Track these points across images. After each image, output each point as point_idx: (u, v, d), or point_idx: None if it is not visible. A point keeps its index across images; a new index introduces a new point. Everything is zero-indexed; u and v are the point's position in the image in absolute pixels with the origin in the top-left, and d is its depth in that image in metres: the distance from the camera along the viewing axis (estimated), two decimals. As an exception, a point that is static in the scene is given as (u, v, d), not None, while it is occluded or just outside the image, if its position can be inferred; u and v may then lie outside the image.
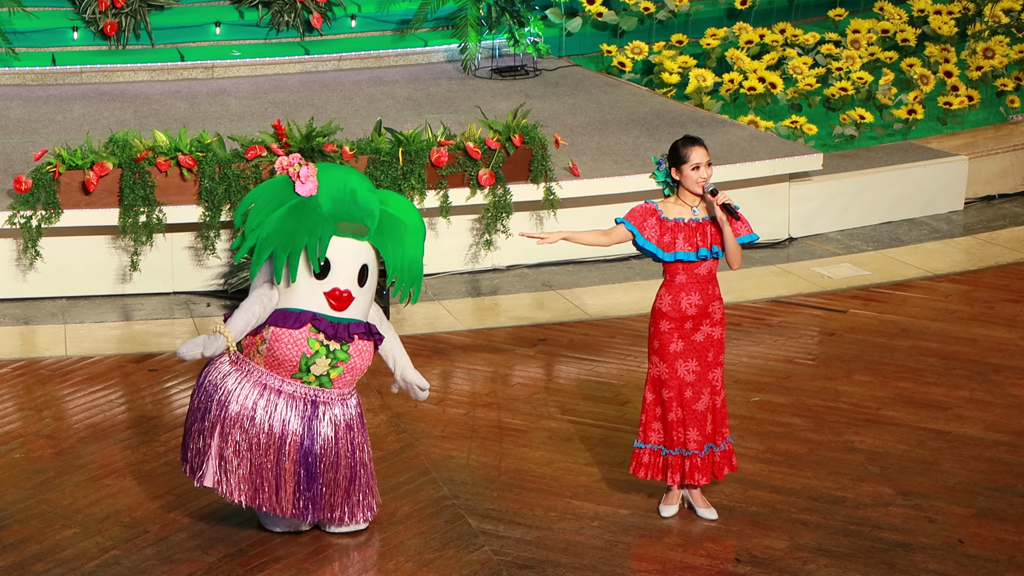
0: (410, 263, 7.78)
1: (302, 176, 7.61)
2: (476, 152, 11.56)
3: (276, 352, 7.67)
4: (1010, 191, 13.76)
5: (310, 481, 7.75)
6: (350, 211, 7.63)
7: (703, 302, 7.96)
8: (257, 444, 7.72)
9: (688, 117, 13.46)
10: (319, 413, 7.74)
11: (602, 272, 11.95)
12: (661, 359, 8.02)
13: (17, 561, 7.78)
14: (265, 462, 7.72)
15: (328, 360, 7.67)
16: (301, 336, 7.64)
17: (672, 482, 8.13)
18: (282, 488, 7.75)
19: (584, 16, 15.51)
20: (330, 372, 7.70)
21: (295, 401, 7.74)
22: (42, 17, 14.63)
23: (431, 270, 11.75)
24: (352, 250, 7.67)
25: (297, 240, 7.56)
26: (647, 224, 7.97)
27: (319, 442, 7.74)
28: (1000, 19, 15.51)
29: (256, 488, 7.75)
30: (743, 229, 7.95)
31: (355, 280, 7.67)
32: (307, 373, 7.69)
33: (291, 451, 7.71)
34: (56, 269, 11.28)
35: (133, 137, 11.29)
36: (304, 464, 7.73)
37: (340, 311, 7.66)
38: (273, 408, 7.72)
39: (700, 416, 8.04)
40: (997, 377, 9.97)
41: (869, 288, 11.55)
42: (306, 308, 7.65)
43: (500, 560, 7.80)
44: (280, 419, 7.71)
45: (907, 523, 8.16)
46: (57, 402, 9.69)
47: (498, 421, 9.41)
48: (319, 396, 7.75)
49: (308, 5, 15.04)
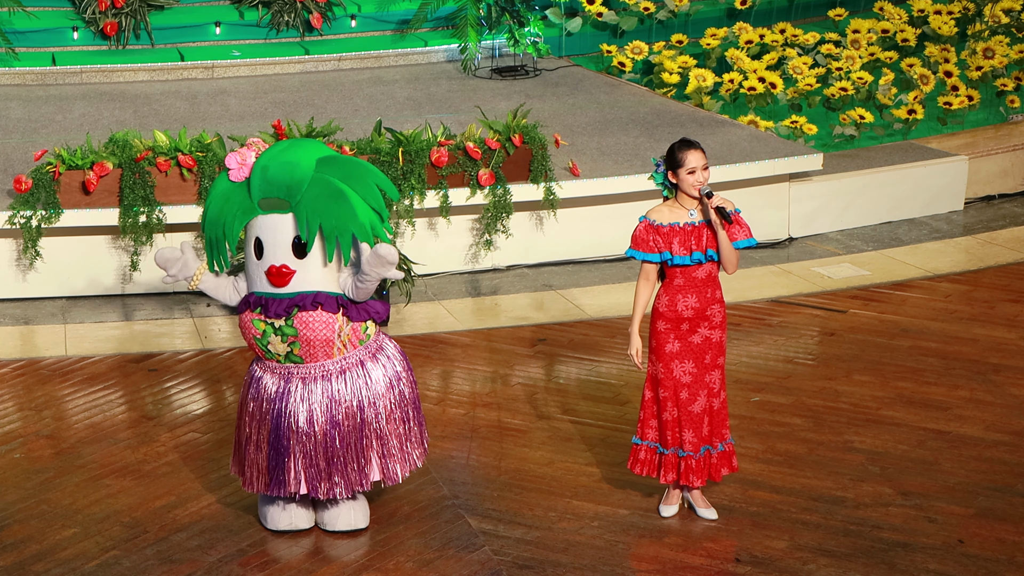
0: (335, 223, 7.61)
1: (228, 163, 7.71)
2: (476, 152, 11.56)
3: (243, 337, 7.92)
4: (1010, 191, 13.76)
5: (277, 457, 7.85)
6: (263, 189, 7.69)
7: (700, 305, 7.95)
8: (256, 428, 7.90)
9: (688, 117, 13.46)
10: (291, 389, 7.82)
11: (602, 272, 11.95)
12: (658, 359, 8.03)
13: (17, 561, 7.78)
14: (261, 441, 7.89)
15: (279, 337, 7.75)
16: (247, 319, 7.81)
17: (666, 480, 8.13)
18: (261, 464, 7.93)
19: (584, 16, 15.51)
20: (292, 348, 7.76)
21: (274, 378, 7.88)
22: (42, 17, 14.64)
23: (431, 270, 11.75)
24: (276, 225, 7.69)
25: (218, 229, 7.74)
26: (653, 243, 7.95)
27: (286, 417, 7.82)
28: (1000, 19, 15.51)
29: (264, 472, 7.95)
30: (740, 233, 7.91)
31: (290, 253, 7.70)
32: (270, 353, 7.81)
33: (265, 429, 7.89)
34: (56, 269, 11.28)
35: (133, 137, 11.29)
36: (274, 440, 7.85)
37: (282, 286, 7.72)
38: (257, 389, 7.91)
39: (696, 418, 8.04)
40: (997, 377, 9.97)
41: (869, 288, 11.55)
42: (254, 290, 7.80)
43: (500, 560, 7.80)
44: (261, 399, 7.89)
45: (907, 523, 8.16)
46: (57, 402, 9.69)
47: (498, 421, 9.41)
48: (295, 372, 7.84)
49: (308, 5, 15.04)
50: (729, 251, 7.87)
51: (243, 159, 7.72)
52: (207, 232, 7.78)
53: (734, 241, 7.89)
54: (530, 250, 11.99)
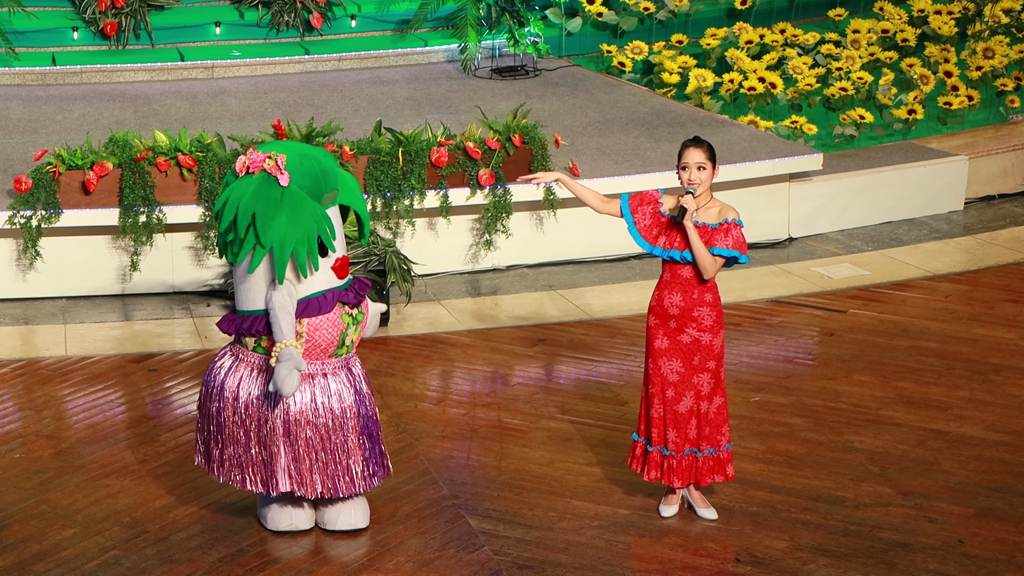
0: (360, 207, 7.93)
1: (280, 167, 7.67)
2: (476, 152, 11.56)
3: (317, 340, 7.77)
4: (1010, 191, 13.76)
5: (372, 444, 7.92)
6: (325, 182, 7.73)
7: (685, 304, 7.92)
8: (327, 431, 7.83)
9: (688, 117, 13.46)
10: (354, 377, 7.91)
11: (602, 272, 11.95)
12: (648, 354, 8.05)
13: (17, 561, 7.78)
14: (336, 445, 7.84)
15: (355, 328, 7.85)
16: (336, 316, 7.78)
17: (648, 478, 8.14)
18: (355, 463, 7.88)
19: (584, 16, 15.51)
20: (353, 338, 7.87)
21: (338, 375, 7.87)
22: (42, 17, 14.64)
23: (431, 270, 11.75)
24: (336, 217, 7.81)
25: (309, 230, 7.63)
26: (642, 210, 7.97)
27: (368, 405, 7.93)
28: (1000, 19, 15.51)
29: (333, 476, 7.86)
30: (721, 242, 7.82)
31: (344, 244, 7.84)
32: (342, 347, 7.83)
33: (353, 424, 7.87)
34: (56, 269, 11.28)
35: (133, 137, 11.29)
36: (366, 432, 7.90)
37: (344, 277, 7.82)
38: (327, 392, 7.83)
39: (681, 418, 8.02)
40: (997, 377, 9.97)
41: (869, 288, 11.55)
42: (322, 288, 7.75)
43: (500, 560, 7.80)
44: (337, 398, 7.84)
45: (907, 523, 8.16)
46: (57, 402, 9.69)
47: (498, 421, 9.41)
48: (347, 363, 7.91)
49: (308, 5, 15.04)
50: (702, 256, 7.79)
51: (277, 161, 7.68)
52: (288, 242, 7.57)
53: (711, 247, 7.81)
54: (530, 250, 11.99)
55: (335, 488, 7.87)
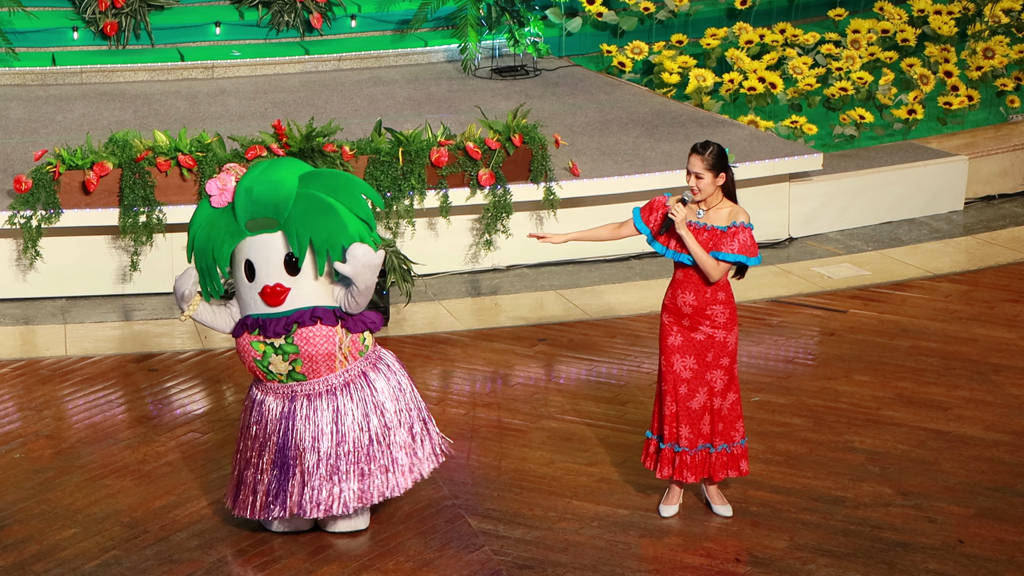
0: (325, 236, 7.63)
1: (209, 189, 7.72)
2: (476, 152, 11.56)
3: (242, 362, 7.86)
4: (1010, 191, 13.76)
5: (282, 477, 7.83)
6: (250, 210, 7.68)
7: (697, 303, 7.95)
8: (259, 452, 7.86)
9: (688, 117, 13.46)
10: (296, 408, 7.80)
11: (602, 272, 11.95)
12: (661, 351, 8.07)
13: (17, 561, 7.78)
14: (264, 465, 7.80)
15: (280, 356, 7.73)
16: (245, 342, 7.78)
17: (661, 476, 8.15)
18: (261, 488, 7.88)
19: (584, 16, 15.51)
20: (295, 366, 7.75)
21: (277, 399, 7.85)
22: (42, 17, 14.64)
23: (431, 270, 11.76)
24: (266, 245, 7.69)
25: (207, 256, 7.72)
26: (652, 218, 8.02)
27: (292, 436, 7.81)
28: (1000, 19, 15.51)
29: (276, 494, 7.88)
30: (727, 246, 7.85)
31: (282, 271, 7.69)
32: (271, 373, 7.78)
33: (269, 452, 7.85)
34: (56, 269, 11.28)
35: (133, 137, 11.30)
36: (280, 461, 7.83)
37: (277, 306, 7.71)
38: (259, 413, 7.87)
39: (694, 414, 8.04)
40: (997, 377, 9.97)
41: (869, 288, 11.55)
42: (249, 312, 7.77)
43: (500, 560, 7.80)
44: (265, 421, 7.86)
45: (907, 523, 8.16)
46: (57, 402, 9.69)
47: (498, 421, 9.41)
48: (299, 391, 7.81)
49: (308, 5, 15.04)
50: (703, 261, 7.82)
51: (223, 184, 7.73)
52: (197, 261, 7.76)
53: (714, 252, 7.84)
54: (530, 250, 11.99)
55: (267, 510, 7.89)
